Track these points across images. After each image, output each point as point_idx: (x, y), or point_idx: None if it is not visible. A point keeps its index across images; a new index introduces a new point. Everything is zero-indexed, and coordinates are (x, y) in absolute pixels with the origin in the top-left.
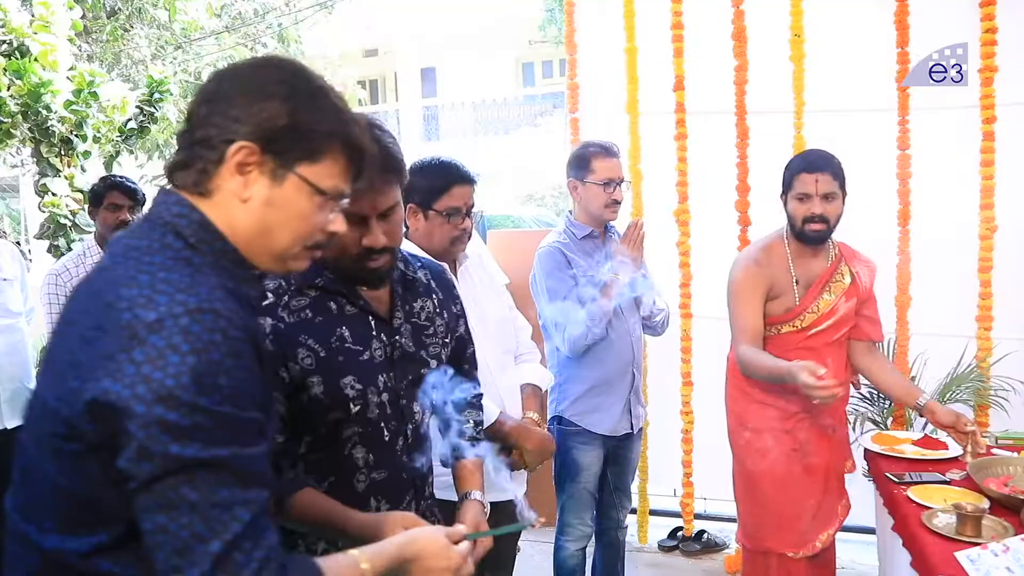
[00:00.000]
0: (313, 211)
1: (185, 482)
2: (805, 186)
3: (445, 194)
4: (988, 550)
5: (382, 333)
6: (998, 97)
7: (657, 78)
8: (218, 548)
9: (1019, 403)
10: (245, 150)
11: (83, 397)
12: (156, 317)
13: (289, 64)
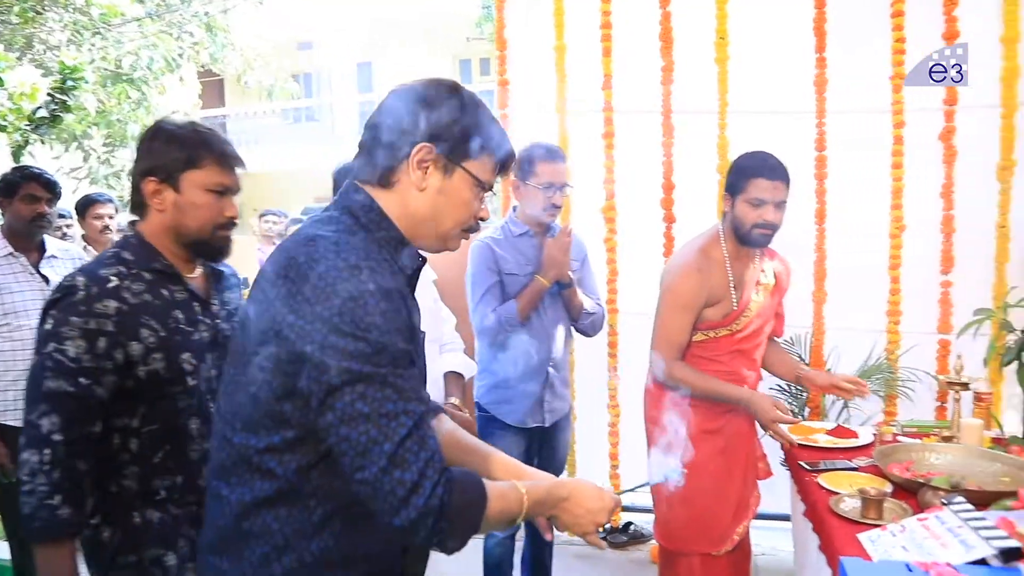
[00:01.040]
0: (472, 199)
1: (358, 398)
2: (761, 192)
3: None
4: (887, 531)
5: (206, 316)
6: (907, 103)
7: (586, 76)
8: (390, 448)
9: (924, 393)
10: (425, 149)
11: (273, 327)
12: (324, 268)
13: (451, 81)
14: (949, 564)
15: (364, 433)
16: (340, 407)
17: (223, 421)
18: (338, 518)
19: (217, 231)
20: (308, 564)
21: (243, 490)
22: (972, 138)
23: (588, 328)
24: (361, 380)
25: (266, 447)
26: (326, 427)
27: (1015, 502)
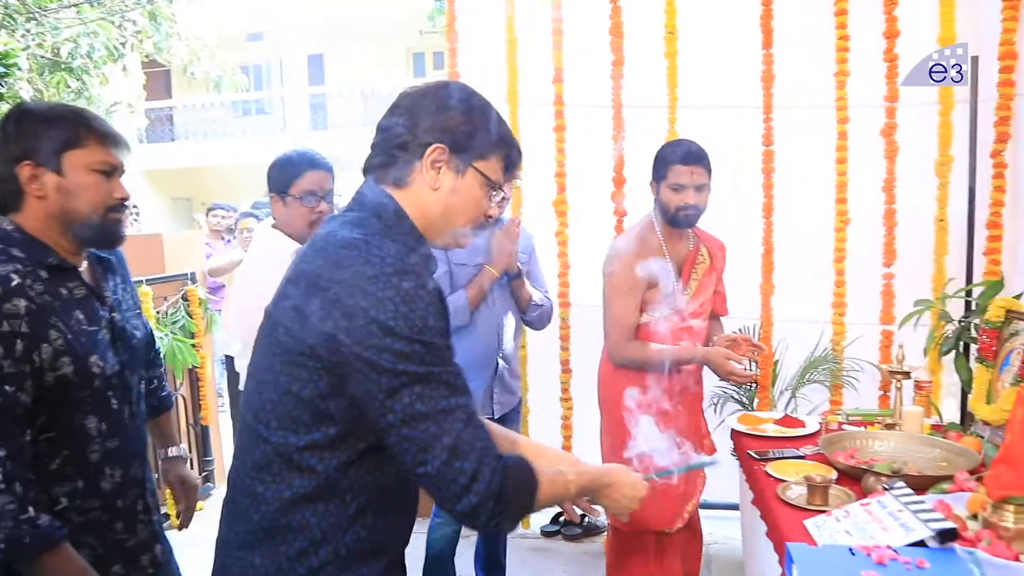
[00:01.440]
0: (483, 198)
1: (416, 399)
2: (680, 177)
3: (299, 179)
4: (832, 516)
5: (104, 311)
6: (850, 99)
7: (537, 70)
8: (449, 442)
9: (868, 382)
10: (439, 150)
11: (324, 331)
12: (373, 273)
13: (461, 84)
14: (890, 547)
15: (424, 431)
16: (400, 409)
17: (255, 419)
18: (370, 511)
19: (109, 214)
20: (343, 556)
21: (281, 487)
22: (912, 134)
23: (536, 321)
24: (419, 382)
25: (307, 445)
26: (386, 427)
27: (951, 486)
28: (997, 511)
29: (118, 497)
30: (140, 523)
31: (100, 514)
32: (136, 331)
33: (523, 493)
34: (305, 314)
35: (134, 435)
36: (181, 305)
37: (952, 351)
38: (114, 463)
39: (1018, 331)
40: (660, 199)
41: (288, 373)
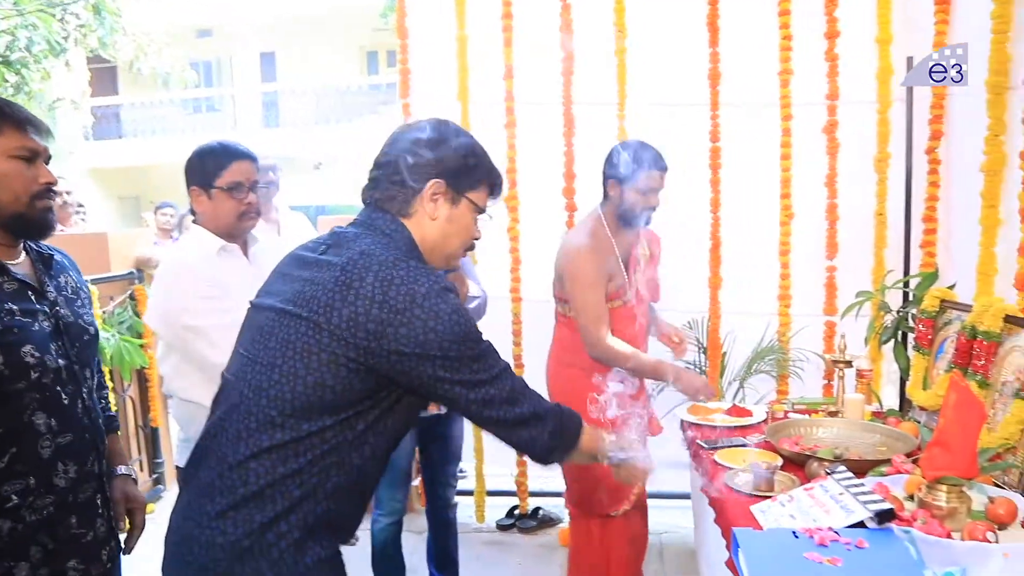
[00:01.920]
0: (473, 223)
1: (493, 388)
2: (652, 182)
3: (225, 170)
4: (777, 501)
5: (43, 305)
6: (794, 97)
7: (487, 67)
8: (525, 408)
9: (813, 372)
10: (437, 184)
11: (385, 344)
12: (425, 291)
13: (452, 123)
14: (831, 528)
15: (503, 411)
16: (477, 399)
17: (269, 405)
18: (345, 488)
19: (35, 201)
20: (309, 525)
21: (278, 464)
22: (852, 132)
23: (474, 313)
24: (488, 380)
25: (319, 429)
26: (477, 420)
27: (889, 468)
28: (931, 491)
29: (72, 492)
30: (99, 517)
31: (54, 511)
32: (90, 327)
33: (572, 435)
34: (363, 325)
35: (88, 429)
36: (128, 305)
37: (891, 340)
38: (67, 458)
39: (951, 320)
40: (624, 200)
41: (328, 371)
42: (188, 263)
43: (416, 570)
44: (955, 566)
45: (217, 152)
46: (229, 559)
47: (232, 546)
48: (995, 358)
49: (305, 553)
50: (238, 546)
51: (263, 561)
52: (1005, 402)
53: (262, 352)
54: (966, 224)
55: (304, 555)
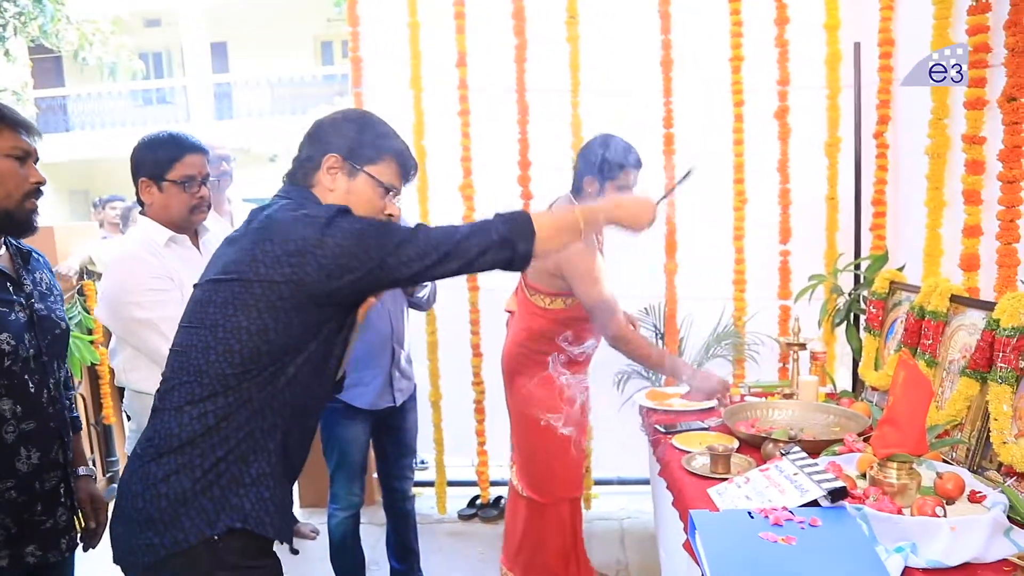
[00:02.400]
0: (376, 198)
1: (419, 243)
2: (630, 179)
3: (178, 163)
4: (733, 483)
5: (19, 296)
6: (745, 83)
7: (440, 54)
8: (457, 234)
9: (768, 355)
10: (333, 158)
11: (310, 270)
12: (326, 217)
13: (360, 110)
14: (785, 508)
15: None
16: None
17: (219, 360)
18: (280, 430)
19: (25, 200)
20: (252, 461)
21: (219, 411)
22: (803, 117)
23: (423, 302)
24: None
25: (260, 370)
26: (415, 273)
27: (842, 448)
28: (882, 469)
29: (36, 479)
30: (61, 506)
31: (16, 495)
32: (61, 322)
33: (518, 216)
34: (285, 261)
35: (53, 419)
36: (77, 300)
37: (844, 322)
38: (30, 445)
39: (901, 301)
40: (600, 196)
41: (268, 316)
42: (137, 255)
43: (378, 563)
44: (905, 541)
45: (169, 144)
46: (174, 505)
47: (176, 492)
48: (942, 337)
49: (248, 486)
50: (181, 491)
51: (205, 500)
52: (952, 380)
53: (203, 318)
54: (914, 206)
55: (248, 488)
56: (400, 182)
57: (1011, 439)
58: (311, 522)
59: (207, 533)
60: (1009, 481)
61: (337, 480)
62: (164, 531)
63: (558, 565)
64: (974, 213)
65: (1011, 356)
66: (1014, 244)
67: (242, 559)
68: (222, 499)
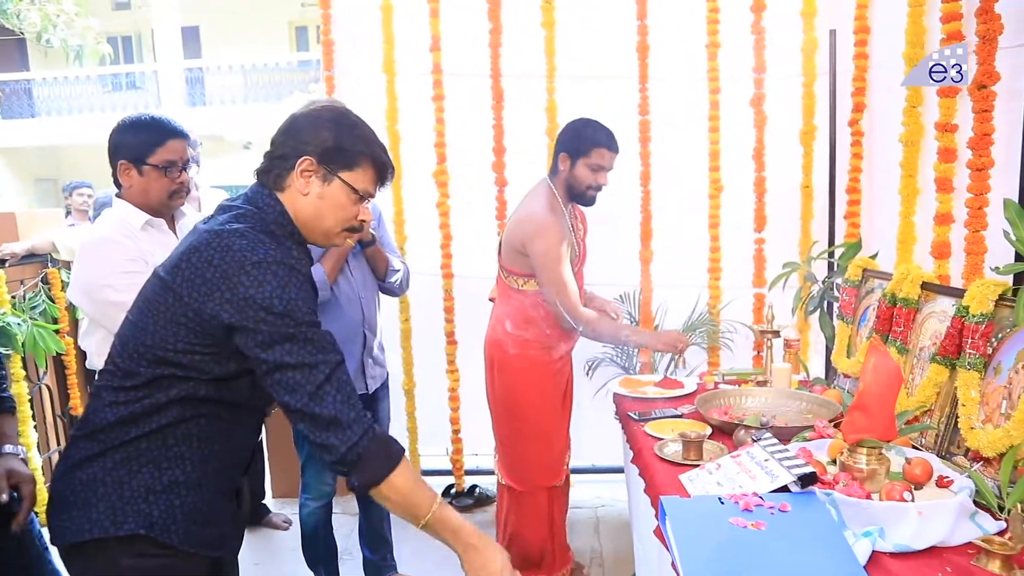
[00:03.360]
0: (349, 204)
1: (299, 375)
2: (603, 160)
3: (160, 148)
4: (704, 469)
5: None
6: (721, 70)
7: (414, 38)
8: (311, 388)
9: (742, 343)
10: (307, 161)
11: (210, 307)
12: (258, 259)
13: (340, 106)
14: (755, 493)
15: (291, 377)
16: (271, 359)
17: (130, 357)
18: (196, 439)
19: None
20: (165, 464)
21: (128, 402)
22: (779, 105)
23: (396, 288)
24: (287, 340)
25: (169, 375)
26: (262, 373)
27: (812, 433)
28: (852, 454)
29: None
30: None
31: None
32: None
33: (383, 457)
34: (197, 285)
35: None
36: (41, 289)
37: (817, 310)
38: None
39: (873, 288)
40: (573, 173)
41: (170, 328)
42: (112, 238)
43: (351, 552)
44: (873, 525)
45: (151, 128)
46: (86, 491)
47: (88, 478)
48: (913, 324)
49: (159, 493)
50: (93, 479)
51: (115, 496)
52: (923, 366)
53: (134, 312)
54: (888, 194)
55: (158, 495)
56: (375, 188)
57: (978, 425)
58: (283, 512)
59: (110, 532)
60: (976, 466)
61: (308, 470)
62: (75, 515)
63: (535, 554)
64: (945, 201)
65: (979, 343)
66: (982, 232)
67: (152, 547)
68: (132, 501)
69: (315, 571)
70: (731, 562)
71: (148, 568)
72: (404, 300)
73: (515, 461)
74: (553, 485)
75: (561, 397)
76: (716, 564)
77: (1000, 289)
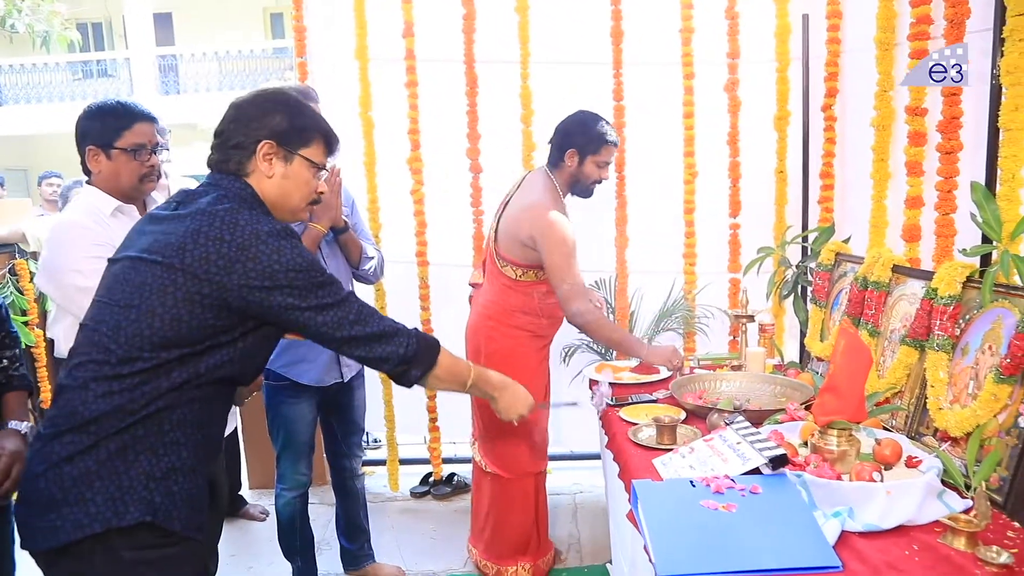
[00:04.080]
0: (312, 179)
1: (341, 311)
2: (608, 156)
3: (127, 131)
4: (678, 453)
5: None
6: (695, 55)
7: (387, 24)
8: (354, 316)
9: (718, 328)
10: (268, 145)
11: (235, 279)
12: (268, 230)
13: (279, 91)
14: (727, 476)
15: (334, 314)
16: (309, 307)
17: (129, 342)
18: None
19: None
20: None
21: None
22: (753, 90)
23: (370, 275)
24: (319, 286)
25: (176, 358)
26: (306, 323)
27: (784, 416)
28: (823, 436)
29: None
30: None
31: None
32: None
33: (430, 347)
34: (213, 262)
35: None
36: (8, 280)
37: (792, 294)
38: None
39: (846, 272)
40: (581, 170)
41: (184, 307)
42: (81, 223)
43: (328, 542)
44: (843, 506)
45: (119, 112)
46: (79, 485)
47: (81, 472)
48: (885, 307)
49: (159, 480)
50: (86, 471)
51: (112, 487)
52: (894, 349)
53: (119, 296)
54: (860, 178)
55: (158, 482)
56: (326, 159)
57: (946, 405)
58: (260, 503)
59: (113, 523)
60: (944, 446)
61: (284, 460)
62: (68, 513)
63: (519, 541)
64: (916, 184)
65: (947, 324)
66: (952, 215)
67: (155, 538)
68: (131, 490)
69: (292, 561)
70: (701, 544)
71: (152, 560)
72: (380, 288)
73: (504, 449)
74: (540, 471)
75: (547, 383)
76: (687, 546)
77: (968, 271)
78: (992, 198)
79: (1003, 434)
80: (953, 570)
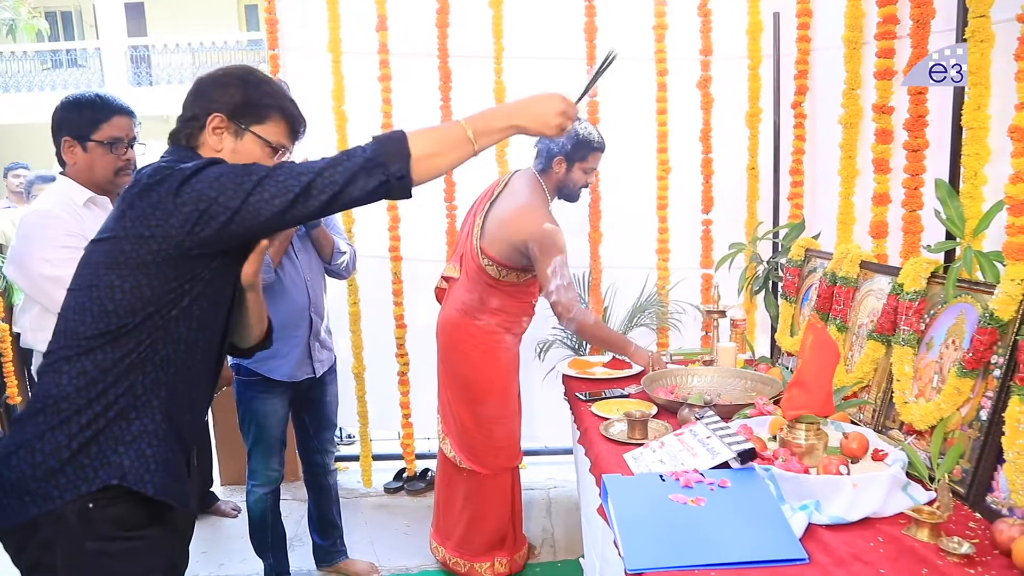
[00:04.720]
0: (265, 158)
1: (280, 174)
2: (596, 162)
3: (105, 124)
4: (648, 448)
5: None
6: (669, 51)
7: (360, 17)
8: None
9: (691, 323)
10: (218, 118)
11: (176, 221)
12: (193, 166)
13: (247, 67)
14: (696, 470)
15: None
16: (275, 194)
17: (95, 320)
18: (164, 386)
19: None
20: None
21: (93, 367)
22: (725, 87)
23: (342, 270)
24: (267, 180)
25: (143, 319)
26: (283, 209)
27: (753, 411)
28: (791, 430)
29: None
30: None
31: None
32: None
33: (393, 137)
34: (151, 215)
35: None
36: None
37: (763, 290)
38: None
39: (815, 268)
40: (569, 176)
41: (140, 271)
42: (52, 212)
43: (301, 538)
44: (810, 499)
45: (96, 104)
46: (48, 460)
47: (52, 447)
48: (853, 302)
49: (129, 443)
50: (57, 446)
51: (83, 457)
52: (862, 343)
53: (78, 280)
54: (829, 175)
55: (128, 445)
56: (290, 141)
57: (912, 399)
58: (232, 500)
59: (82, 490)
60: (909, 439)
61: (255, 455)
62: (37, 487)
63: (495, 537)
64: (883, 181)
65: (913, 319)
66: (918, 211)
67: (118, 529)
68: (100, 456)
69: (264, 558)
70: (670, 537)
71: (114, 552)
72: (352, 283)
73: (481, 445)
74: (515, 465)
75: (518, 378)
76: (655, 540)
77: (932, 267)
78: (956, 195)
79: (966, 427)
80: (917, 561)
